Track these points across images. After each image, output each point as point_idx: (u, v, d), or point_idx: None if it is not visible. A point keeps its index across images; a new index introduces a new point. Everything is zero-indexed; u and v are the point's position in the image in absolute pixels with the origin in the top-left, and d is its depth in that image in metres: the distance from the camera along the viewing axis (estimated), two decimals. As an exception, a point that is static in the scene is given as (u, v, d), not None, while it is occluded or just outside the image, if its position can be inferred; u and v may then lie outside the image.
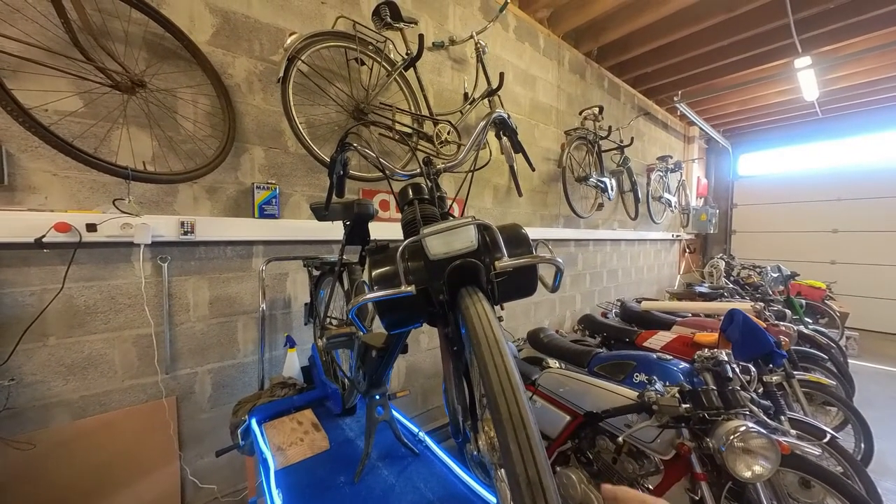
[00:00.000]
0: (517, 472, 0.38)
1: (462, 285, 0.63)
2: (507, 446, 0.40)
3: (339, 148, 0.91)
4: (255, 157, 1.73)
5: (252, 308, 1.73)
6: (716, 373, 1.45)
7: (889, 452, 2.29)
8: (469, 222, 0.60)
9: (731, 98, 5.08)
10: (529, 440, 0.40)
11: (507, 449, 0.40)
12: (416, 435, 1.28)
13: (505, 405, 0.42)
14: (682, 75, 4.25)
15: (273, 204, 1.73)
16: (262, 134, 1.74)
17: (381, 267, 0.65)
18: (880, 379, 3.65)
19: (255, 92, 1.72)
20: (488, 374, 0.46)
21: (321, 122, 1.88)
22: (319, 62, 1.80)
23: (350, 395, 1.36)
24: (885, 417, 2.77)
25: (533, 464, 0.38)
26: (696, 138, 6.19)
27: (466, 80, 2.57)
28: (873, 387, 3.43)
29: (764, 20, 3.14)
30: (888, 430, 2.53)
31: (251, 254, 1.73)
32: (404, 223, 0.77)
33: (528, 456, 0.39)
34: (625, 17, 3.26)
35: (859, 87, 4.56)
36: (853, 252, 5.65)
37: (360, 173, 1.91)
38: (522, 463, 0.38)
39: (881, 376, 3.73)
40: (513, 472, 0.39)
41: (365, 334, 1.16)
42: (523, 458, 0.39)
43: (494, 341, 0.49)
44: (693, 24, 3.24)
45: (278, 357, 1.79)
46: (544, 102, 3.25)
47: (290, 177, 1.84)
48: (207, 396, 1.63)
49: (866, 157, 5.53)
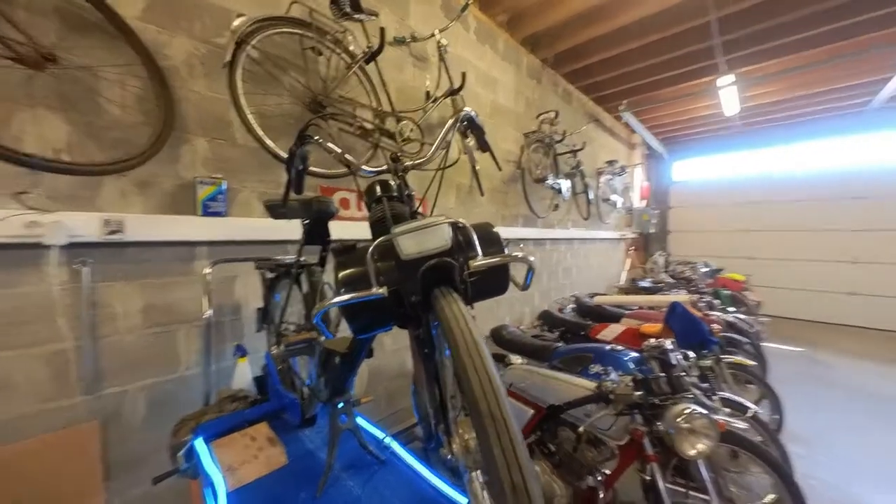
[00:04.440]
0: (501, 478, 0.37)
1: (434, 286, 0.61)
2: (490, 450, 0.39)
3: (299, 141, 0.85)
4: (197, 149, 1.57)
5: (195, 316, 1.56)
6: (662, 360, 1.57)
7: (795, 421, 2.64)
8: (443, 221, 0.59)
9: (668, 109, 5.57)
10: (513, 443, 0.39)
11: (489, 453, 0.39)
12: (382, 441, 1.24)
13: (487, 409, 0.41)
14: (627, 86, 4.58)
15: (219, 201, 1.58)
16: (205, 123, 1.58)
17: (348, 268, 0.61)
18: (786, 358, 4.21)
19: (196, 77, 1.55)
20: (468, 377, 0.44)
21: (274, 113, 1.75)
22: (272, 49, 1.68)
23: (310, 404, 1.28)
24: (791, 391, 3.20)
25: (518, 469, 0.37)
26: (638, 145, 6.72)
27: (428, 79, 2.55)
28: (781, 365, 3.95)
29: (697, 40, 3.47)
30: (794, 402, 2.92)
31: (193, 256, 1.57)
32: (372, 221, 0.73)
33: (513, 460, 0.38)
34: (578, 27, 3.44)
35: (772, 104, 5.22)
36: (766, 249, 6.47)
37: (320, 169, 1.81)
38: (507, 468, 0.37)
39: (787, 355, 4.31)
40: (497, 477, 0.38)
41: (327, 340, 1.09)
42: (507, 462, 0.38)
43: (473, 343, 0.48)
44: (638, 38, 3.50)
45: (227, 368, 1.64)
46: (504, 105, 3.32)
47: (238, 171, 1.69)
48: (141, 417, 1.44)
49: (779, 165, 6.36)
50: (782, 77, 4.27)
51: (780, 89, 4.71)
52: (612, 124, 5.75)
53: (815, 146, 6.02)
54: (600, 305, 3.15)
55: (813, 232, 6.07)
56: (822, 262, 6.00)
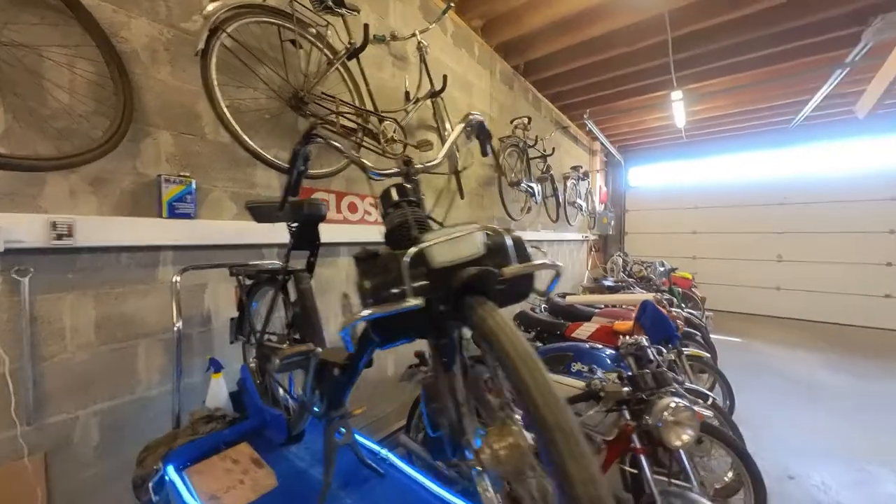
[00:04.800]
0: (579, 494, 0.37)
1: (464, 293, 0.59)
2: (563, 466, 0.38)
3: (305, 139, 0.79)
4: (160, 144, 1.42)
5: (158, 328, 1.41)
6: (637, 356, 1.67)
7: (743, 404, 2.93)
8: (477, 228, 0.57)
9: (625, 119, 5.96)
10: (586, 457, 0.39)
11: (562, 468, 0.38)
12: (378, 454, 1.20)
13: (555, 421, 0.41)
14: (590, 96, 4.83)
15: (187, 201, 1.44)
16: (170, 116, 1.44)
17: (376, 277, 0.58)
18: (729, 347, 4.66)
19: (160, 63, 1.40)
20: (529, 392, 0.43)
21: (249, 107, 1.63)
22: (249, 39, 1.56)
23: (299, 419, 1.20)
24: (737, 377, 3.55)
25: (594, 483, 0.37)
26: (598, 152, 7.12)
27: (408, 79, 2.51)
28: (725, 354, 4.37)
29: (654, 57, 3.74)
30: (740, 387, 3.24)
31: (157, 262, 1.41)
32: (392, 227, 0.70)
33: (589, 475, 0.38)
34: (547, 38, 3.57)
35: (714, 118, 5.77)
36: (708, 249, 7.14)
37: (298, 169, 1.70)
38: (584, 483, 0.37)
39: (730, 345, 4.77)
40: (573, 494, 0.37)
41: (325, 351, 1.03)
42: (584, 478, 0.37)
43: (526, 353, 0.47)
44: (602, 52, 3.71)
45: (195, 385, 1.50)
46: (480, 109, 3.36)
47: (208, 169, 1.55)
48: (94, 446, 1.27)
49: (719, 174, 7.04)
50: (723, 95, 4.74)
51: (721, 105, 5.23)
52: (576, 132, 6.04)
53: (748, 157, 6.75)
54: (572, 305, 3.28)
55: (746, 234, 6.79)
56: (753, 260, 6.73)
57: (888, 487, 2.01)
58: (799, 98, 4.65)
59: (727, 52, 3.72)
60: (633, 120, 5.97)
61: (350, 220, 2.17)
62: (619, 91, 4.65)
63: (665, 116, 5.55)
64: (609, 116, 5.65)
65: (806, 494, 1.97)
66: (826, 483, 2.05)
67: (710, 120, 5.83)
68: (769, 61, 3.83)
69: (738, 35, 3.40)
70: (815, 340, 5.05)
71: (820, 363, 4.13)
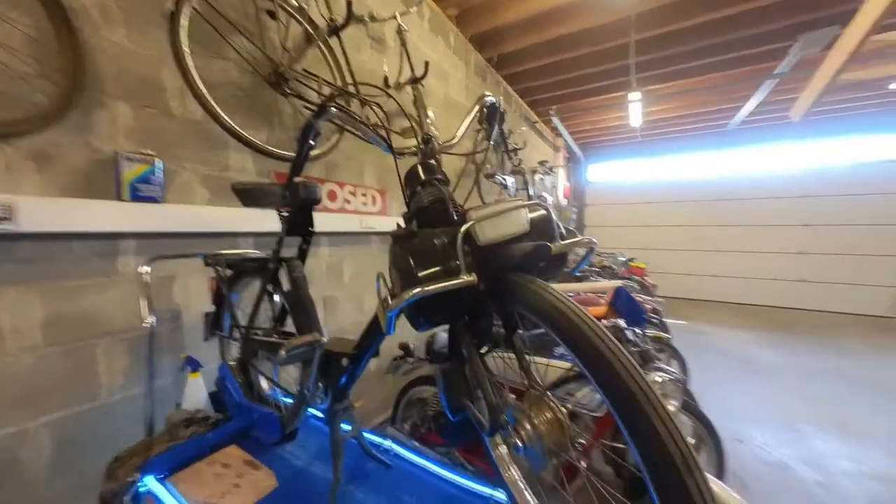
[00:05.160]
0: (686, 483, 0.37)
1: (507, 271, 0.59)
2: (665, 452, 0.39)
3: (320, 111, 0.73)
4: (118, 117, 1.24)
5: (120, 326, 1.25)
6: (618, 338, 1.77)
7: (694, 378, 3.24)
8: (522, 204, 0.57)
9: (587, 117, 6.25)
10: (686, 444, 0.39)
11: (663, 455, 0.39)
12: (381, 445, 1.16)
13: (649, 405, 0.41)
14: (556, 93, 5.00)
15: (153, 183, 1.28)
16: (128, 85, 1.26)
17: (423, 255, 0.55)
18: (678, 329, 5.12)
19: (114, 24, 1.23)
20: (619, 377, 0.43)
21: (220, 81, 1.48)
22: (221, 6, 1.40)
23: (294, 415, 1.12)
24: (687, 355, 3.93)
25: (699, 470, 0.38)
26: (561, 148, 7.41)
27: (386, 63, 2.42)
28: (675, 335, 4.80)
29: (617, 58, 3.95)
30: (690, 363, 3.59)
31: (117, 251, 1.25)
32: (425, 205, 0.67)
33: (692, 463, 0.39)
34: (520, 33, 3.63)
35: (665, 120, 6.24)
36: (658, 241, 7.76)
37: (278, 149, 1.58)
38: (689, 471, 0.38)
39: (678, 327, 5.24)
40: (679, 481, 0.38)
41: (331, 341, 0.98)
42: (688, 467, 0.38)
43: (598, 327, 0.47)
44: (569, 50, 3.84)
45: (166, 387, 1.36)
46: (455, 99, 3.35)
47: (176, 148, 1.39)
48: (46, 462, 1.11)
49: (668, 172, 7.65)
50: (674, 97, 5.13)
51: (672, 108, 5.66)
52: (542, 127, 6.23)
53: (693, 157, 7.39)
54: (544, 293, 3.41)
55: (688, 227, 7.48)
56: (694, 251, 7.43)
57: (815, 443, 2.34)
58: (739, 103, 5.16)
59: (680, 58, 4.02)
60: (594, 118, 6.28)
61: (330, 209, 2.07)
62: (584, 89, 4.86)
63: (622, 116, 5.89)
64: (573, 114, 5.89)
65: (752, 454, 2.24)
66: (768, 443, 2.34)
67: (662, 121, 6.30)
68: (715, 68, 4.21)
69: (690, 43, 3.69)
70: (747, 320, 5.71)
71: (753, 340, 4.69)
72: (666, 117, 6.08)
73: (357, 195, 2.24)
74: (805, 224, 6.50)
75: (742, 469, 2.10)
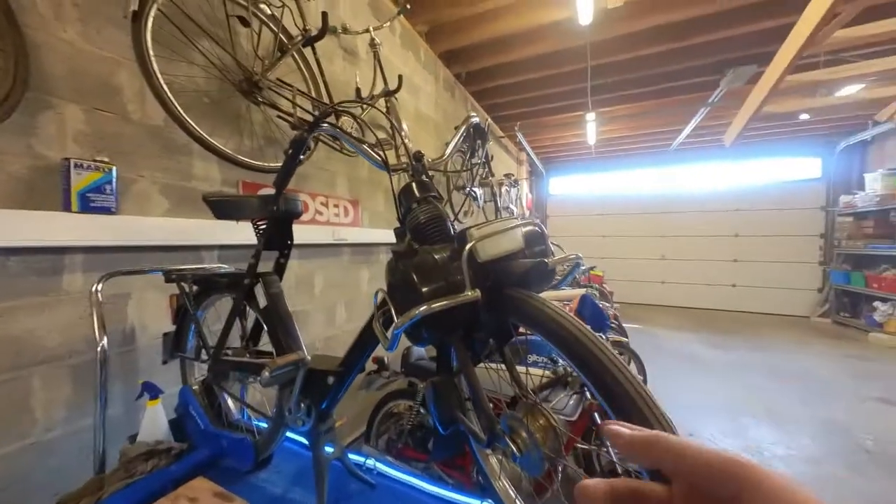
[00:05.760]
0: None
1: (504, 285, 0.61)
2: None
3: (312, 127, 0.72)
4: (67, 120, 1.14)
5: (62, 351, 1.12)
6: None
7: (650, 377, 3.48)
8: (518, 223, 0.60)
9: (548, 134, 6.61)
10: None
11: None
12: (364, 464, 1.13)
13: (652, 415, 0.45)
14: (520, 110, 5.26)
15: (107, 192, 1.17)
16: (81, 87, 1.16)
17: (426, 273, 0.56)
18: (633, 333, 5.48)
19: (66, 21, 1.13)
20: (613, 375, 0.47)
21: (185, 87, 1.40)
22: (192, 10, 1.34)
23: (271, 439, 1.07)
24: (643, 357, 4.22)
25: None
26: (524, 162, 7.73)
27: (358, 75, 2.43)
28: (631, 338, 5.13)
29: (575, 81, 4.24)
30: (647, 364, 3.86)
31: (62, 267, 1.12)
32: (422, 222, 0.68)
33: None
34: (487, 52, 3.79)
35: (617, 139, 6.76)
36: (613, 250, 8.30)
37: (249, 159, 1.52)
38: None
39: (632, 331, 5.60)
40: None
41: (313, 358, 0.95)
42: None
43: (595, 338, 0.51)
44: (533, 71, 4.07)
45: (116, 418, 1.22)
46: (426, 113, 3.40)
47: (133, 155, 1.29)
48: (-36, 515, 0.95)
49: (620, 186, 8.26)
50: (625, 119, 5.59)
51: (622, 128, 6.15)
52: (507, 142, 6.49)
53: (642, 173, 8.05)
54: (513, 302, 3.52)
55: (639, 237, 8.09)
56: (644, 259, 8.03)
57: (753, 433, 2.60)
58: (680, 126, 5.73)
59: (628, 84, 4.41)
60: (555, 135, 6.66)
61: (301, 221, 2.00)
62: (546, 108, 5.16)
63: (580, 134, 6.31)
64: (535, 130, 6.20)
65: (703, 446, 2.44)
66: (714, 435, 2.56)
67: (615, 140, 6.82)
68: (658, 95, 4.67)
69: (636, 72, 4.07)
70: (691, 323, 6.24)
71: (697, 340, 5.12)
72: (618, 136, 6.60)
73: (329, 206, 2.19)
74: (737, 234, 7.29)
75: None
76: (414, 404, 1.86)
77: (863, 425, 2.67)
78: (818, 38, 2.32)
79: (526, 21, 3.18)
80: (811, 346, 4.84)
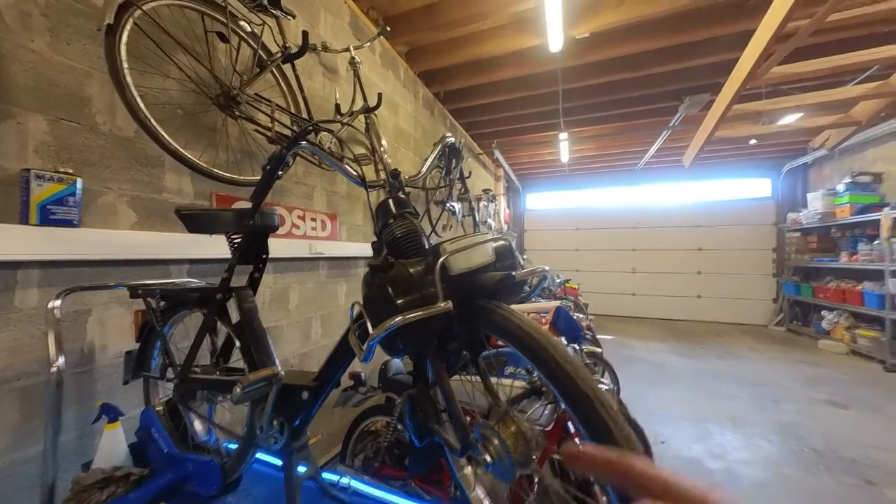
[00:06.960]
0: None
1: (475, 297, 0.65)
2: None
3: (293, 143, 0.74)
4: (29, 130, 1.10)
5: (9, 374, 1.05)
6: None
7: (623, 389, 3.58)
8: (489, 237, 0.64)
9: (524, 151, 6.86)
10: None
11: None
12: (338, 483, 1.11)
13: (613, 421, 0.48)
14: (497, 129, 5.46)
15: (69, 205, 1.13)
16: (45, 97, 1.13)
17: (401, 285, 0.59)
18: (606, 344, 5.64)
19: (34, 31, 1.11)
20: (579, 388, 0.50)
21: (158, 100, 1.38)
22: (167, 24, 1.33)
23: (239, 460, 1.03)
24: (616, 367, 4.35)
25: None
26: (501, 178, 7.95)
27: (338, 91, 2.46)
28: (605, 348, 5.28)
29: (549, 103, 4.47)
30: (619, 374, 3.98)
31: (14, 282, 1.06)
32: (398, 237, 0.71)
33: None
34: (465, 73, 3.94)
35: (588, 157, 7.10)
36: (586, 264, 8.58)
37: (224, 172, 1.50)
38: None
39: (606, 342, 5.77)
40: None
41: (287, 374, 0.94)
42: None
43: (563, 348, 0.54)
44: (510, 92, 4.27)
45: (69, 444, 1.14)
46: (405, 129, 3.47)
47: (98, 167, 1.25)
48: None
49: (592, 202, 8.63)
50: (594, 140, 5.91)
51: (593, 148, 6.48)
52: (485, 159, 6.67)
53: (613, 190, 8.46)
54: (491, 315, 3.56)
55: (610, 251, 8.42)
56: (617, 272, 8.35)
57: (718, 439, 2.73)
58: (644, 148, 6.10)
59: (596, 108, 4.70)
60: (531, 152, 6.92)
61: (277, 234, 1.97)
62: (522, 127, 5.38)
63: (554, 152, 6.60)
64: (512, 148, 6.43)
65: (674, 454, 2.52)
66: (683, 442, 2.66)
67: (586, 158, 7.16)
68: (623, 118, 4.98)
69: (603, 96, 4.35)
70: (661, 333, 6.50)
71: (665, 350, 5.34)
72: (589, 155, 6.94)
73: (306, 219, 2.18)
74: (700, 248, 7.73)
75: (665, 467, 2.35)
76: (391, 420, 1.84)
77: (812, 427, 2.86)
78: (758, 73, 2.58)
79: (501, 46, 3.35)
80: (767, 353, 5.15)
